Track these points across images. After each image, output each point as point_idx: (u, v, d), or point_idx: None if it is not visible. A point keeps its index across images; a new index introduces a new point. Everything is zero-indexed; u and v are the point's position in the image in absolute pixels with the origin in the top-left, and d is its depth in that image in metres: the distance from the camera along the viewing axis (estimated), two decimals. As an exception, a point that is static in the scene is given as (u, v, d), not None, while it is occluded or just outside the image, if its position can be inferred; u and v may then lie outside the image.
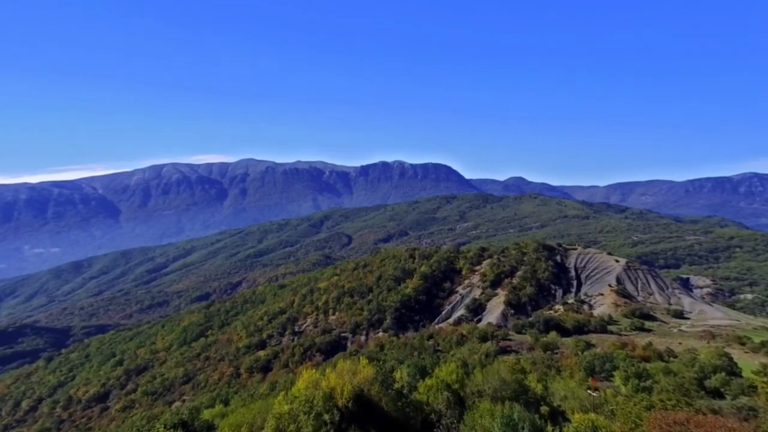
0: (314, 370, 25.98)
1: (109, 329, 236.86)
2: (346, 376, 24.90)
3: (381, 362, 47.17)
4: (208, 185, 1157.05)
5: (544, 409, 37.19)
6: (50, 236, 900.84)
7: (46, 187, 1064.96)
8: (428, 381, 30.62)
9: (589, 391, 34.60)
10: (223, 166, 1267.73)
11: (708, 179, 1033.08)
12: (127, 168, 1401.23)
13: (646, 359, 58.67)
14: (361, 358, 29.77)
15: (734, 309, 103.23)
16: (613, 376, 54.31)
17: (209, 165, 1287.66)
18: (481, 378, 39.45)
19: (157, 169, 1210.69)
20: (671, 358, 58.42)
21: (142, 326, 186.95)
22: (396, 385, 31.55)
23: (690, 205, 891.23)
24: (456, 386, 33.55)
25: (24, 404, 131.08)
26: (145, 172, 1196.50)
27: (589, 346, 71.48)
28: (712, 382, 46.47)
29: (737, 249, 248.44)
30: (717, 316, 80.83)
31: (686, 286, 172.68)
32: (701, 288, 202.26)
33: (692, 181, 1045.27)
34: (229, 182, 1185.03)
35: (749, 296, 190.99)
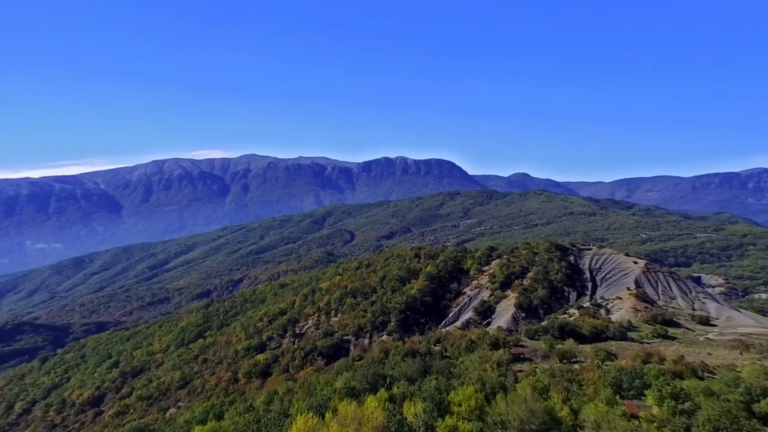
0: (311, 416, 21.04)
1: (109, 326, 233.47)
2: (350, 426, 19.96)
3: (388, 383, 42.18)
4: (210, 181, 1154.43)
5: (580, 447, 32.12)
6: (52, 231, 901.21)
7: (48, 182, 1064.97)
8: (449, 420, 25.69)
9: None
10: (225, 162, 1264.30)
11: (716, 175, 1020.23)
12: (129, 163, 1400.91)
13: (679, 375, 53.38)
14: (369, 399, 24.49)
15: (762, 314, 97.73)
16: (644, 394, 49.26)
17: (211, 160, 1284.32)
18: (504, 406, 34.42)
19: (158, 165, 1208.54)
20: (707, 375, 53.06)
21: (140, 326, 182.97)
22: (411, 421, 26.64)
23: (697, 201, 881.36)
24: (478, 425, 28.64)
25: (17, 407, 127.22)
26: (146, 168, 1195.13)
27: (609, 355, 66.48)
28: (762, 406, 40.90)
29: (750, 247, 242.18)
30: (747, 323, 75.46)
31: (698, 284, 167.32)
32: (713, 287, 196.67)
33: (699, 177, 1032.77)
34: (231, 178, 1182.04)
35: (764, 296, 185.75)
